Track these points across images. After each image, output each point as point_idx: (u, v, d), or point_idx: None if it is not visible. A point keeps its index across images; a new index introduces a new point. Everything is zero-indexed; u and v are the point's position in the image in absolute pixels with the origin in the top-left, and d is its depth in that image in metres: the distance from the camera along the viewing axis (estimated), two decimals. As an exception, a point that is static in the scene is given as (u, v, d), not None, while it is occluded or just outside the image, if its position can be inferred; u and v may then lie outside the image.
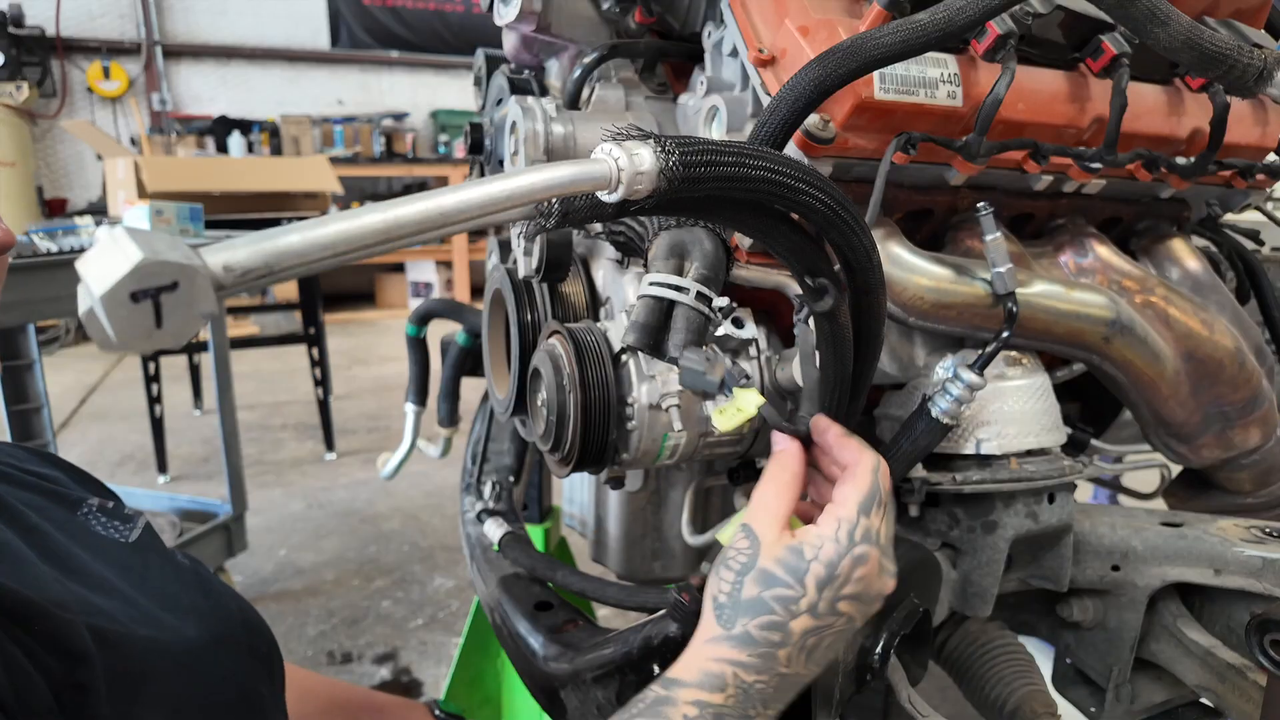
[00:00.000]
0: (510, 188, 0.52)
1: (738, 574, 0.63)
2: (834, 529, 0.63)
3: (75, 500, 0.81)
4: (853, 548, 0.62)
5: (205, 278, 0.39)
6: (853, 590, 0.62)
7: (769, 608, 0.61)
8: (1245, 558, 0.90)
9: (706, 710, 0.59)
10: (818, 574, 0.61)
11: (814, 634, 0.62)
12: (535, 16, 1.15)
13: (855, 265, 0.74)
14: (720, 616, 0.62)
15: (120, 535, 0.80)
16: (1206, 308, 1.08)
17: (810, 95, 0.80)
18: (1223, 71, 0.81)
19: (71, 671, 0.58)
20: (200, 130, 8.09)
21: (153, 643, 0.68)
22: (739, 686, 0.60)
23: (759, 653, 0.61)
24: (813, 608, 0.61)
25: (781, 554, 0.62)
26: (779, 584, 0.61)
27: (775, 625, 0.61)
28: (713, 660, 0.61)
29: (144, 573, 0.76)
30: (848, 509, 0.64)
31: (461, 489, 1.49)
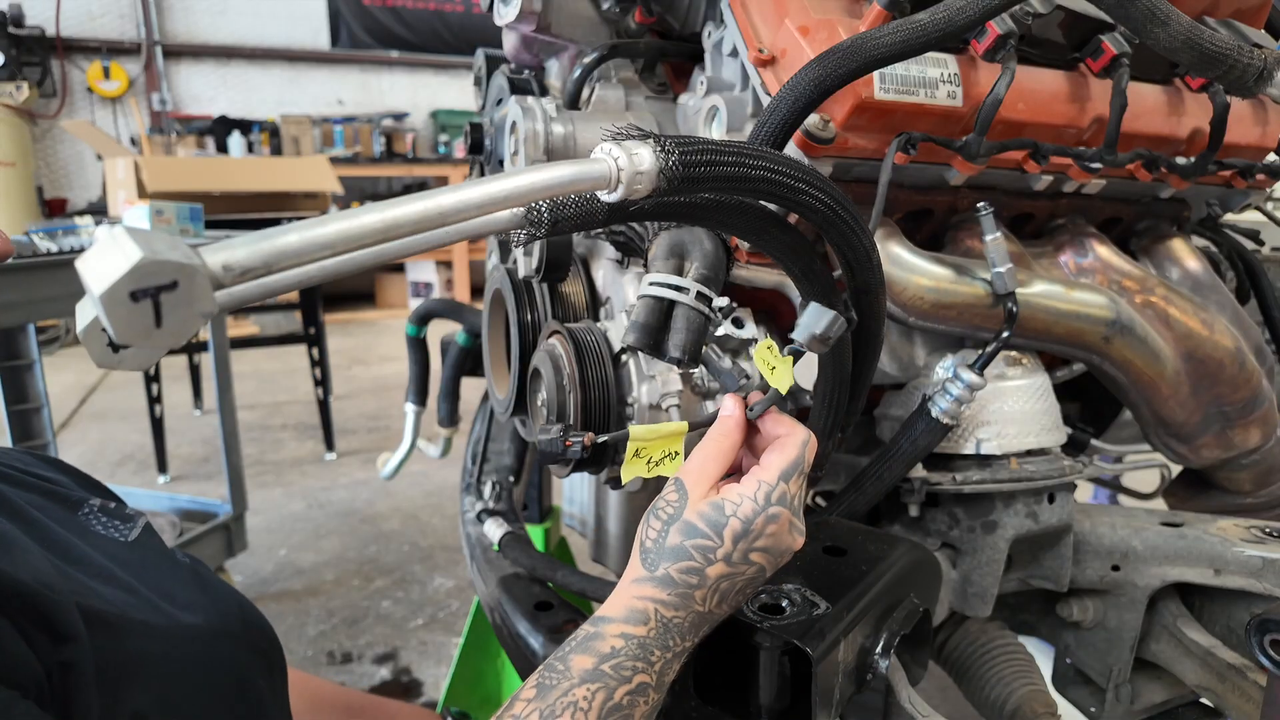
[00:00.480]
0: (510, 188, 0.52)
1: (664, 523, 0.70)
2: (754, 490, 0.70)
3: (76, 501, 0.82)
4: (768, 508, 0.70)
5: (204, 277, 0.39)
6: (764, 544, 0.70)
7: (689, 554, 0.69)
8: (1245, 558, 0.90)
9: (631, 641, 0.66)
10: (734, 529, 0.69)
11: (727, 579, 0.69)
12: (535, 16, 1.15)
13: (855, 265, 0.75)
14: (646, 560, 0.70)
15: (120, 534, 0.80)
16: (1206, 308, 1.08)
17: (810, 95, 0.80)
18: (1223, 71, 0.81)
19: (58, 650, 0.59)
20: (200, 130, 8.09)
21: (148, 627, 0.68)
22: (659, 621, 0.68)
23: (678, 593, 0.68)
24: (727, 557, 0.69)
25: (705, 509, 0.70)
26: (700, 535, 0.69)
27: (693, 570, 0.69)
28: (637, 599, 0.68)
29: (142, 568, 0.77)
30: (769, 474, 0.71)
31: (461, 489, 1.49)
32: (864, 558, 0.79)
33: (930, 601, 0.89)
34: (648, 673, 0.66)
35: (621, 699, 0.64)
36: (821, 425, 0.89)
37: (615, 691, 0.64)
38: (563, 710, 0.62)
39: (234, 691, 0.76)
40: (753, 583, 0.71)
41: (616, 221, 0.65)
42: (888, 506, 1.02)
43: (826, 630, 0.68)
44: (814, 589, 0.73)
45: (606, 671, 0.64)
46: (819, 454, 0.92)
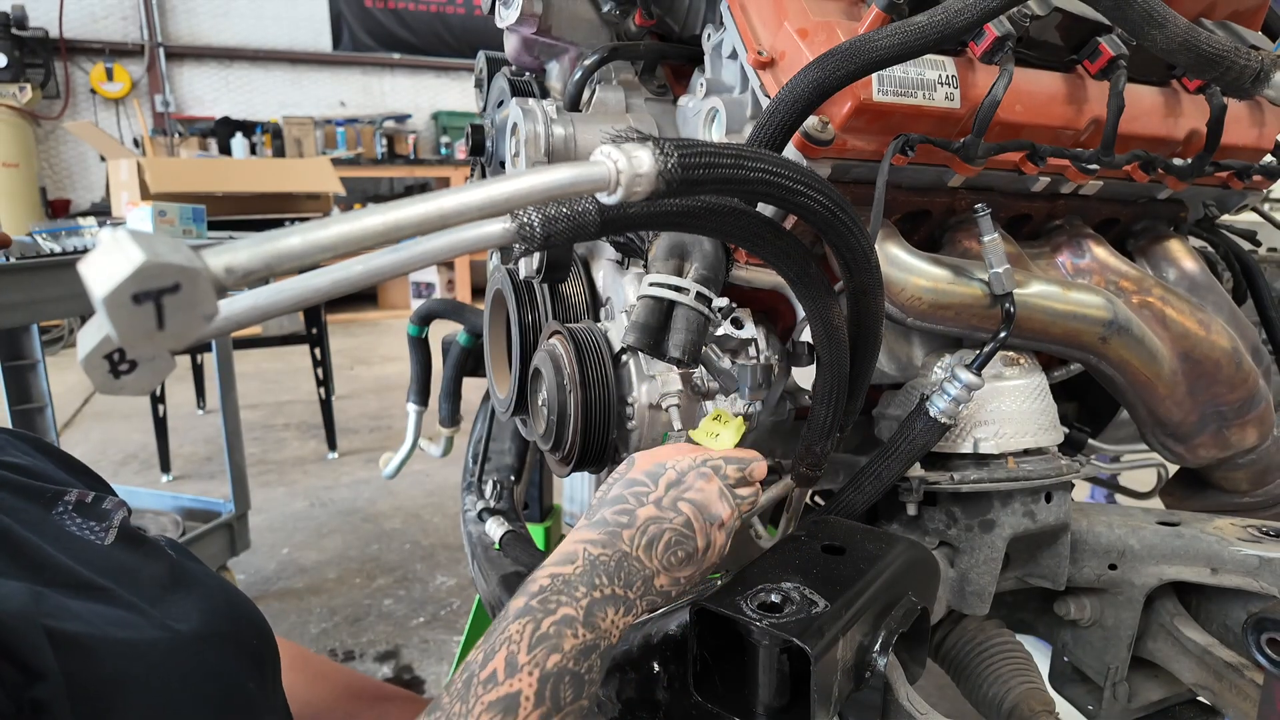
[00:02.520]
0: (510, 190, 0.52)
1: (612, 484, 0.80)
2: (692, 453, 0.81)
3: (51, 496, 0.79)
4: (701, 467, 0.80)
5: (207, 280, 0.40)
6: (693, 496, 0.78)
7: (624, 500, 0.77)
8: (1242, 556, 0.90)
9: (557, 579, 0.71)
10: (669, 477, 0.78)
11: (654, 522, 0.76)
12: (536, 19, 1.15)
13: (853, 266, 0.75)
14: (589, 513, 0.78)
15: (96, 536, 0.78)
16: (1203, 308, 1.08)
17: (809, 97, 0.80)
18: (1220, 73, 0.81)
19: (29, 687, 0.58)
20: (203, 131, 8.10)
21: (129, 646, 0.67)
22: (586, 559, 0.73)
23: (607, 531, 0.75)
24: (658, 500, 0.77)
25: (648, 465, 0.80)
26: (637, 484, 0.78)
27: (625, 510, 0.76)
28: (571, 542, 0.75)
29: (122, 573, 0.75)
30: (715, 455, 0.82)
31: (463, 488, 1.50)
32: (862, 556, 0.80)
33: (928, 600, 0.89)
34: (572, 606, 0.70)
35: (548, 629, 0.68)
36: (820, 425, 0.89)
37: (542, 623, 0.68)
38: (500, 645, 0.67)
39: (222, 700, 0.75)
40: (681, 539, 0.76)
41: (609, 233, 0.65)
42: (886, 505, 1.03)
43: (825, 628, 0.69)
44: (812, 587, 0.73)
45: (534, 606, 0.69)
46: (819, 453, 0.92)
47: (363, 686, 1.15)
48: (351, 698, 1.11)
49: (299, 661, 1.07)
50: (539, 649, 0.67)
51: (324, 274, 0.48)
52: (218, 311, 0.41)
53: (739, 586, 0.74)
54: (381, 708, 1.14)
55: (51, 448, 0.91)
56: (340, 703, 1.09)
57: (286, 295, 0.48)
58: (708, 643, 0.75)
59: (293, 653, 1.06)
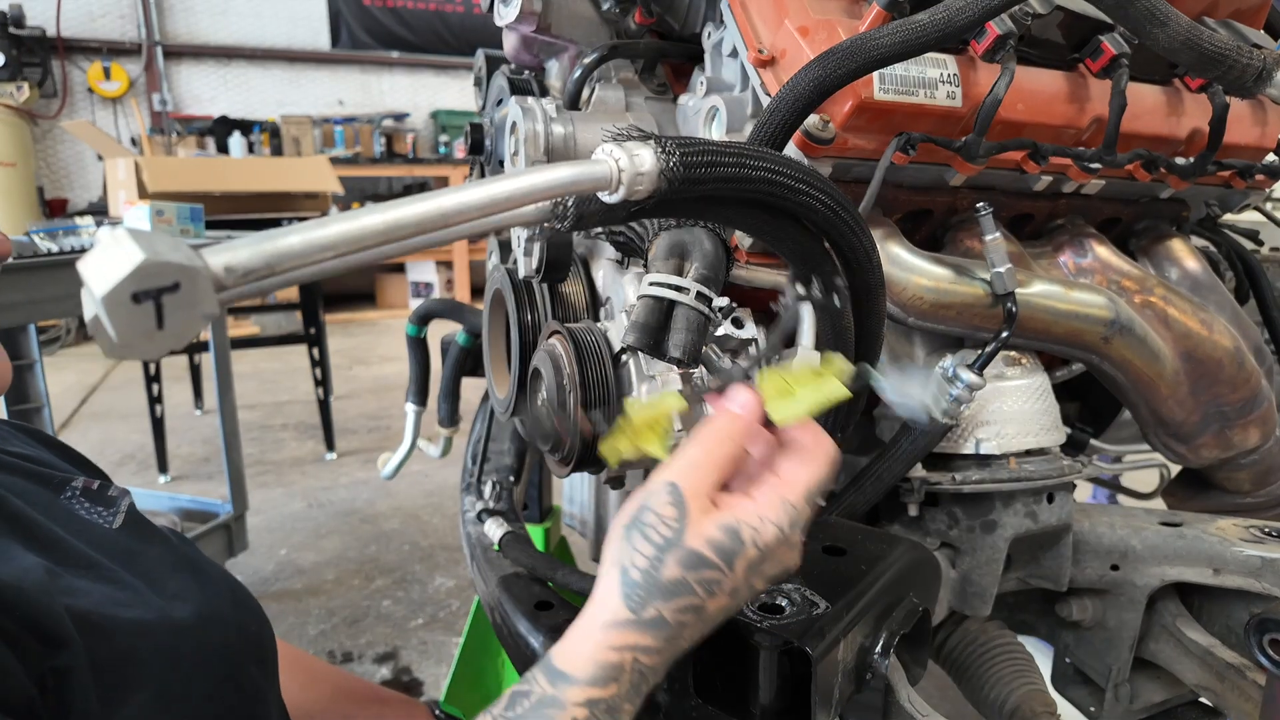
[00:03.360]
0: (510, 189, 0.52)
1: (659, 550, 0.56)
2: (778, 513, 0.58)
3: (59, 482, 0.79)
4: (790, 534, 0.58)
5: (206, 279, 0.40)
6: (773, 572, 0.59)
7: (691, 590, 0.55)
8: (1244, 557, 0.90)
9: (598, 707, 0.54)
10: (751, 558, 0.57)
11: (724, 612, 0.59)
12: (535, 17, 1.15)
13: (855, 265, 0.75)
14: (630, 596, 0.56)
15: (105, 520, 0.79)
16: (1205, 308, 1.08)
17: (810, 96, 0.80)
18: (1222, 72, 0.81)
19: (53, 656, 0.58)
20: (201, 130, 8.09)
21: (138, 625, 0.67)
22: (635, 672, 0.56)
23: (665, 635, 0.56)
24: (734, 590, 0.57)
25: (714, 533, 0.56)
26: (708, 566, 0.55)
27: (693, 608, 0.56)
28: (611, 649, 0.55)
29: (130, 557, 0.75)
30: (795, 493, 0.59)
31: (462, 489, 1.50)
32: (863, 557, 0.79)
33: (930, 601, 0.89)
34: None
35: None
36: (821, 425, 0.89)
37: None
38: None
39: (228, 682, 0.76)
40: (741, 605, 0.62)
41: (638, 217, 0.63)
42: (887, 506, 1.02)
43: (826, 630, 0.69)
44: (813, 588, 0.73)
45: None
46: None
47: (358, 689, 1.14)
48: (347, 700, 1.10)
49: (295, 663, 1.07)
50: None
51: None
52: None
53: (740, 588, 0.74)
54: (377, 710, 1.13)
55: (51, 439, 0.91)
56: (336, 705, 1.08)
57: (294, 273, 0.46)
58: (708, 644, 0.74)
59: (289, 654, 1.06)
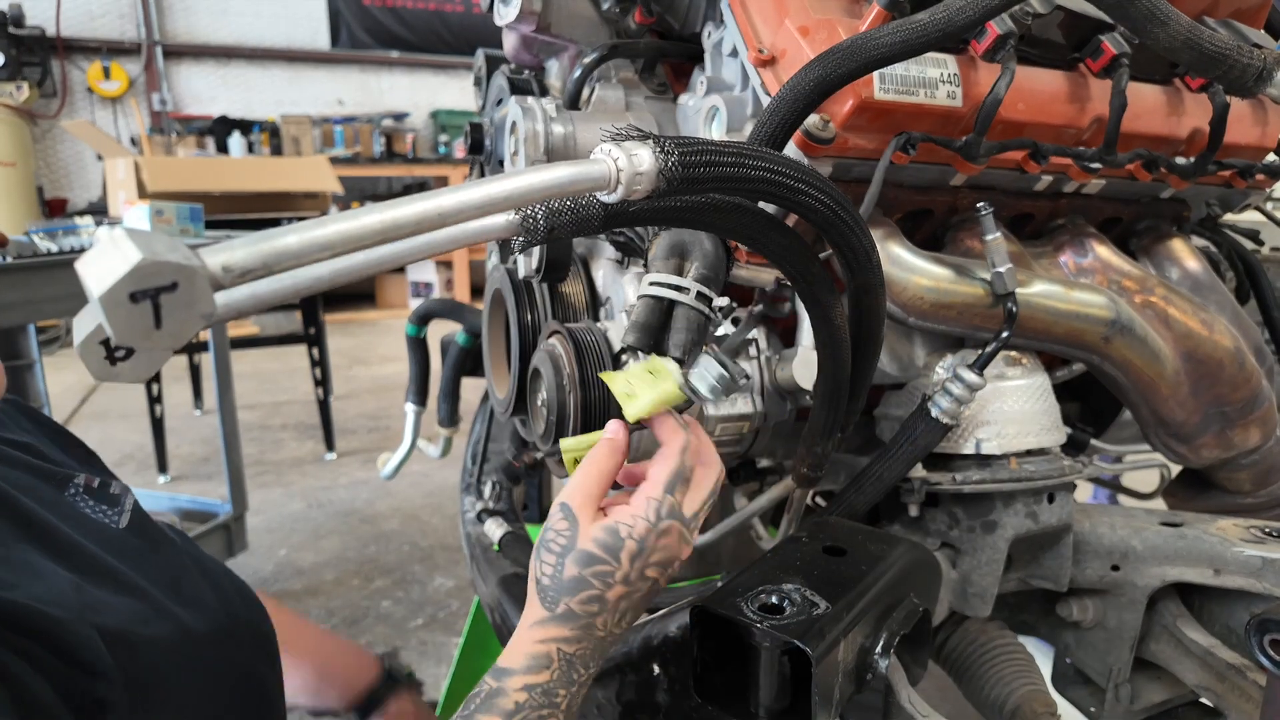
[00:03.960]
0: (510, 189, 0.52)
1: (559, 555, 0.69)
2: (644, 508, 0.70)
3: (62, 478, 0.78)
4: (659, 523, 0.70)
5: (204, 278, 0.39)
6: (658, 559, 0.70)
7: (589, 584, 0.68)
8: (1245, 558, 0.90)
9: (534, 690, 0.66)
10: (631, 549, 0.69)
11: (625, 599, 0.70)
12: (535, 17, 1.15)
13: (855, 265, 0.75)
14: (544, 599, 0.69)
15: (110, 519, 0.78)
16: (1206, 308, 1.08)
17: (810, 95, 0.80)
18: (1222, 71, 0.81)
19: (92, 688, 0.58)
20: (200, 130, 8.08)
21: (161, 642, 0.67)
22: (562, 659, 0.68)
23: (579, 625, 0.68)
24: (625, 578, 0.69)
25: (599, 534, 0.69)
26: (597, 562, 0.68)
27: (594, 599, 0.68)
28: (539, 642, 0.68)
29: (140, 560, 0.75)
30: (656, 489, 0.71)
31: (461, 489, 1.49)
32: (864, 557, 0.79)
33: (930, 601, 0.89)
34: (554, 715, 0.66)
35: None
36: (821, 425, 0.89)
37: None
38: None
39: (245, 690, 0.76)
40: (648, 597, 0.72)
41: (612, 228, 0.65)
42: (887, 506, 1.02)
43: (826, 630, 0.68)
44: (814, 589, 0.73)
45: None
46: (820, 454, 0.92)
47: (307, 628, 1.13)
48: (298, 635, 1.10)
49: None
50: None
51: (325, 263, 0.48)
52: (215, 310, 0.41)
53: (740, 588, 0.74)
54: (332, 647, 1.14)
55: (51, 424, 0.89)
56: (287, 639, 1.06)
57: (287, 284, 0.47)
58: (708, 645, 0.74)
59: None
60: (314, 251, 0.43)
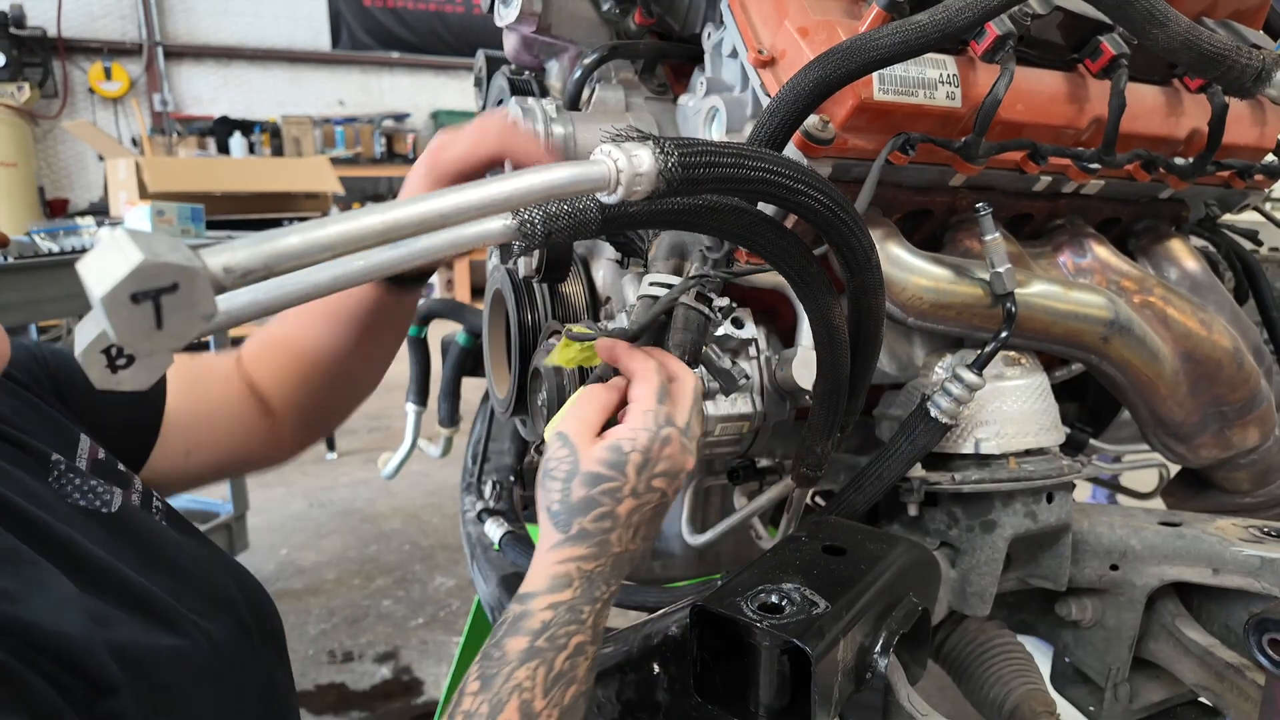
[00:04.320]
0: (509, 189, 0.52)
1: (564, 481, 0.70)
2: (641, 420, 0.71)
3: (41, 455, 0.74)
4: (660, 430, 0.71)
5: (205, 279, 0.40)
6: (663, 468, 0.71)
7: (598, 502, 0.69)
8: (1244, 557, 0.90)
9: (560, 609, 0.67)
10: (636, 461, 0.70)
11: (636, 512, 0.71)
12: (535, 18, 1.15)
13: (854, 266, 0.75)
14: (557, 523, 0.70)
15: (102, 504, 0.75)
16: (1205, 308, 1.08)
17: (810, 96, 0.80)
18: (1221, 72, 0.81)
19: (104, 702, 0.57)
20: (201, 131, 8.09)
21: (174, 654, 0.66)
22: (583, 577, 0.69)
23: (595, 542, 0.70)
24: (634, 491, 0.70)
25: (601, 454, 0.70)
26: (604, 480, 0.69)
27: (606, 515, 0.70)
28: (558, 563, 0.69)
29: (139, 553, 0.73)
30: (647, 401, 0.72)
31: (462, 488, 1.50)
32: (863, 557, 0.79)
33: (929, 601, 0.89)
34: (581, 631, 0.67)
35: (563, 666, 0.65)
36: (821, 425, 0.89)
37: (555, 661, 0.65)
38: (509, 695, 0.63)
39: (257, 694, 0.75)
40: (659, 510, 0.73)
41: (610, 231, 0.65)
42: (887, 506, 1.02)
43: (826, 629, 0.69)
44: (813, 588, 0.73)
45: (542, 646, 0.65)
46: (819, 453, 0.92)
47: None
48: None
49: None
50: (555, 689, 0.65)
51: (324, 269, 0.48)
52: (216, 311, 0.41)
53: (739, 587, 0.74)
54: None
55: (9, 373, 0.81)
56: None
57: (287, 291, 0.47)
58: (708, 644, 0.75)
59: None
60: (316, 252, 0.44)
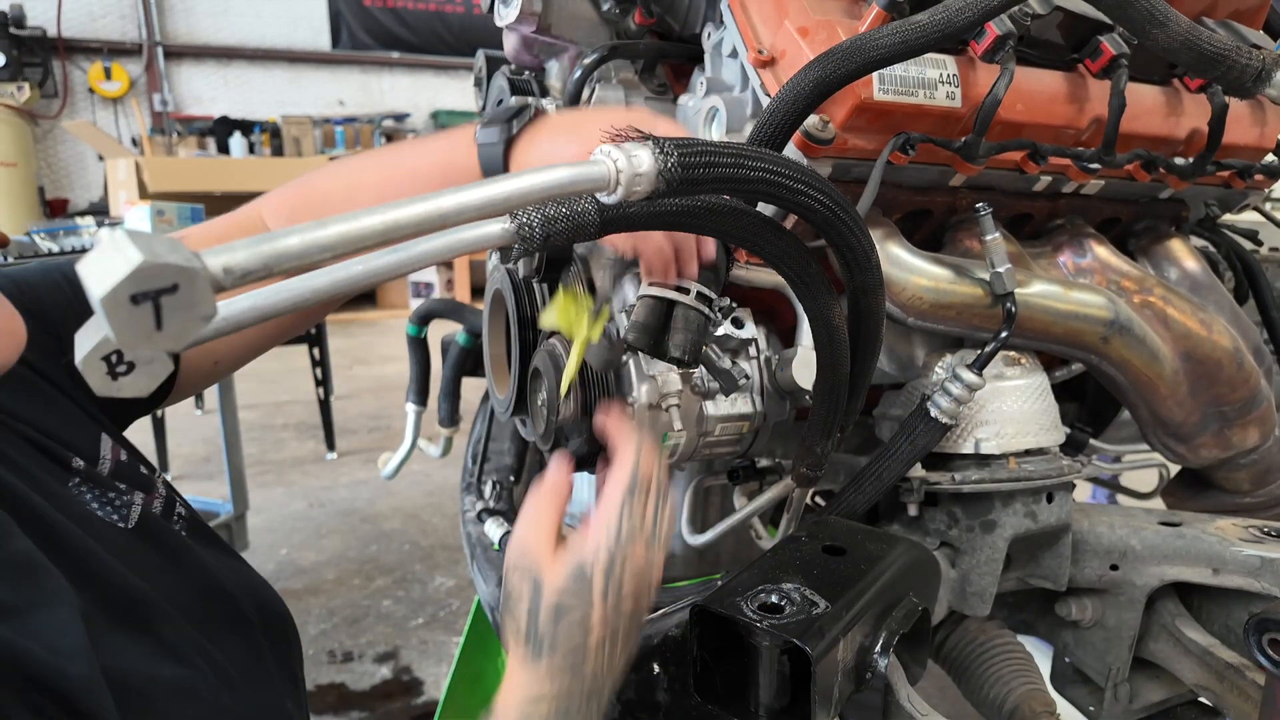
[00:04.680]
0: (509, 190, 0.52)
1: (529, 614, 0.67)
2: (605, 534, 0.67)
3: (62, 458, 0.72)
4: (622, 545, 0.67)
5: (205, 280, 0.40)
6: (631, 587, 0.67)
7: (568, 636, 0.65)
8: (1243, 557, 0.90)
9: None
10: (599, 586, 0.66)
11: (609, 637, 0.67)
12: (535, 18, 1.15)
13: (854, 266, 0.75)
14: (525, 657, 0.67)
15: (119, 517, 0.73)
16: (1205, 308, 1.08)
17: (809, 96, 0.80)
18: (1221, 72, 0.81)
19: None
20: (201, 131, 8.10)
21: (177, 686, 0.64)
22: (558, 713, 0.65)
23: (568, 674, 0.66)
24: (603, 618, 0.66)
25: (564, 581, 0.66)
26: (570, 611, 0.65)
27: (576, 649, 0.66)
28: (529, 701, 0.66)
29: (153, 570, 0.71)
30: (611, 505, 0.68)
31: (462, 488, 1.50)
32: (863, 557, 0.79)
33: (929, 600, 0.89)
34: None
35: None
36: (821, 425, 0.89)
37: None
38: None
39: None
40: (635, 618, 0.69)
41: (609, 233, 0.65)
42: (887, 506, 1.02)
43: (826, 629, 0.69)
44: (813, 588, 0.73)
45: None
46: (819, 453, 0.92)
47: None
48: None
49: None
50: None
51: (323, 274, 0.48)
52: (216, 312, 0.41)
53: (739, 587, 0.74)
54: None
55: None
56: None
57: (285, 296, 0.47)
58: (708, 644, 0.75)
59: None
60: (315, 253, 0.43)
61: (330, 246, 0.44)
